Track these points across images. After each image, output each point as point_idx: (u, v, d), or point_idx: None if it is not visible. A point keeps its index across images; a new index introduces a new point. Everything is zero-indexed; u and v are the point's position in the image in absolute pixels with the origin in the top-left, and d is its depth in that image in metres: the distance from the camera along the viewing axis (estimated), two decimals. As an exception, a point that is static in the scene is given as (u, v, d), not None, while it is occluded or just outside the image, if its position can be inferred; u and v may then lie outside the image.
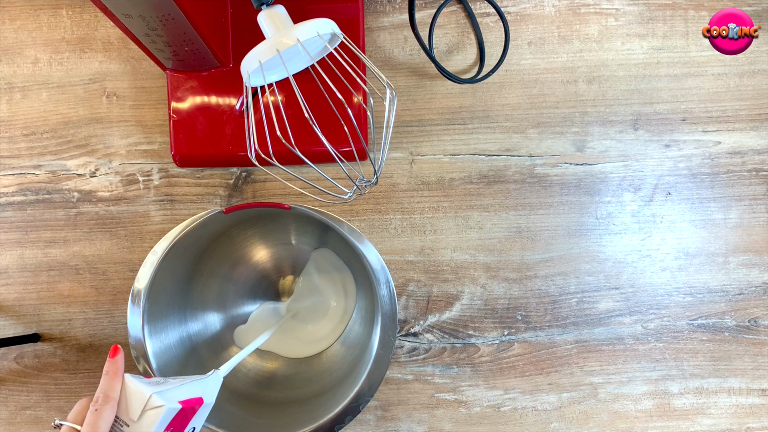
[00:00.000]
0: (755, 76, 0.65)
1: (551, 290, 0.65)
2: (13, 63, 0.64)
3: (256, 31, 0.49)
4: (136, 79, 0.64)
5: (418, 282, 0.64)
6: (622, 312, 0.65)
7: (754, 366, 0.66)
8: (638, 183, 0.65)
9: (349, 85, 0.55)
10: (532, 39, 0.65)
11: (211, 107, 0.61)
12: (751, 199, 0.65)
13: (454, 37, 0.65)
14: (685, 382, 0.65)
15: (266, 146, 0.50)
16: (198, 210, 0.64)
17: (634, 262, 0.65)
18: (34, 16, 0.64)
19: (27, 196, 0.64)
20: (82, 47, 0.64)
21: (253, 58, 0.47)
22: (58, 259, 0.64)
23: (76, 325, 0.64)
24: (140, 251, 0.64)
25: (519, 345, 0.65)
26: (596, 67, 0.65)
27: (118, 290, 0.64)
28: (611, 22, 0.65)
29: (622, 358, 0.65)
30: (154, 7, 0.46)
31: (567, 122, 0.65)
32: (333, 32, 0.49)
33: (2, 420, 0.64)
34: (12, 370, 0.64)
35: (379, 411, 0.64)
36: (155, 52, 0.56)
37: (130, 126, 0.64)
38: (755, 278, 0.65)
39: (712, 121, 0.65)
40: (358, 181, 0.50)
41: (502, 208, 0.65)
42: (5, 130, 0.64)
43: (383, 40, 0.65)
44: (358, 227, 0.64)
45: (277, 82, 0.55)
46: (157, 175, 0.64)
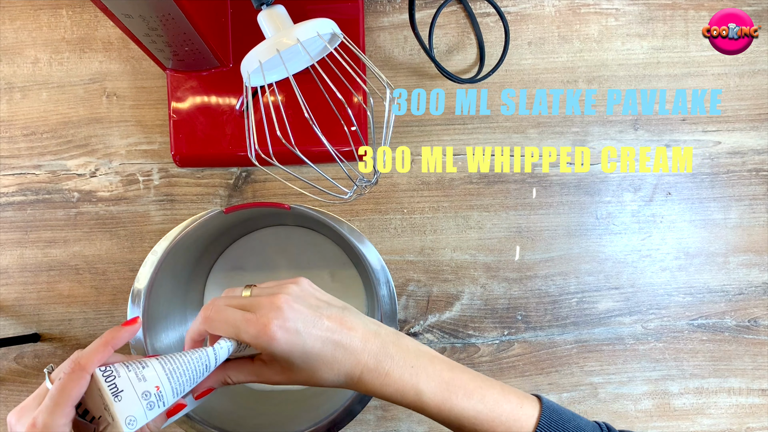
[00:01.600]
0: (755, 76, 0.65)
1: (551, 290, 0.65)
2: (13, 63, 0.64)
3: (256, 31, 0.49)
4: (136, 79, 0.64)
5: (418, 282, 0.64)
6: (622, 312, 0.65)
7: (754, 366, 0.66)
8: (638, 183, 0.65)
9: (349, 85, 0.55)
10: (532, 39, 0.65)
11: (211, 107, 0.61)
12: (751, 199, 0.65)
13: (454, 37, 0.65)
14: (685, 382, 0.65)
15: (266, 146, 0.50)
16: (198, 210, 0.64)
17: (634, 262, 0.65)
18: (34, 16, 0.64)
19: (27, 196, 0.64)
20: (82, 47, 0.64)
21: (253, 58, 0.47)
22: (58, 259, 0.64)
23: (76, 325, 0.64)
24: (140, 251, 0.64)
25: (519, 345, 0.65)
26: (596, 67, 0.65)
27: (118, 290, 0.64)
28: (611, 22, 0.65)
29: (622, 358, 0.65)
30: (154, 7, 0.46)
31: (567, 122, 0.65)
32: (333, 32, 0.49)
33: (2, 420, 0.64)
34: (12, 370, 0.64)
35: (379, 411, 0.64)
36: (155, 52, 0.56)
37: (130, 126, 0.64)
38: (755, 278, 0.65)
39: (712, 121, 0.65)
40: (358, 181, 0.50)
41: (502, 208, 0.65)
42: (5, 130, 0.64)
43: (383, 40, 0.65)
44: (358, 227, 0.64)
45: (277, 82, 0.55)
46: (157, 175, 0.64)
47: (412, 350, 0.41)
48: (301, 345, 0.38)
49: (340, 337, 0.39)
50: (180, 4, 0.46)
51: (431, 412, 0.40)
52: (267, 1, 0.48)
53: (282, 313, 0.38)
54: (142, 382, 0.34)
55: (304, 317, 0.39)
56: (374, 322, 0.42)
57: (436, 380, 0.40)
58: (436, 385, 0.40)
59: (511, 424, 0.40)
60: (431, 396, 0.40)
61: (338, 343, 0.39)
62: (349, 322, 0.40)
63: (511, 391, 0.41)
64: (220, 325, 0.38)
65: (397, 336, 0.42)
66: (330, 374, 0.40)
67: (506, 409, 0.40)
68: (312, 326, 0.39)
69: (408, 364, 0.40)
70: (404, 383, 0.40)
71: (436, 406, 0.40)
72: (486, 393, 0.40)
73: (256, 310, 0.39)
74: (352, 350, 0.39)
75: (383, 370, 0.40)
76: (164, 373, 0.35)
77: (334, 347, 0.39)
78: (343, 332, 0.39)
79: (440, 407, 0.40)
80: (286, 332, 0.38)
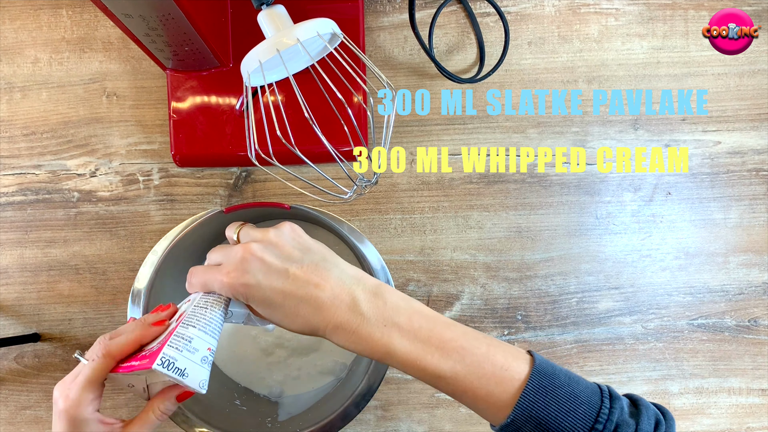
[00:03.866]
0: (755, 76, 0.65)
1: (551, 290, 0.65)
2: (13, 63, 0.64)
3: (256, 31, 0.49)
4: (136, 79, 0.64)
5: (418, 282, 0.64)
6: (622, 312, 0.65)
7: (754, 366, 0.66)
8: (638, 183, 0.65)
9: (349, 85, 0.55)
10: (532, 39, 0.65)
11: (211, 107, 0.61)
12: (751, 199, 0.65)
13: (454, 37, 0.65)
14: (685, 381, 0.65)
15: (266, 146, 0.50)
16: (198, 210, 0.64)
17: (634, 262, 0.65)
18: (34, 16, 0.64)
19: (27, 196, 0.64)
20: (82, 47, 0.64)
21: (253, 58, 0.47)
22: (58, 259, 0.64)
23: (76, 324, 0.64)
24: (140, 251, 0.64)
25: (519, 345, 0.65)
26: (596, 67, 0.65)
27: (118, 290, 0.64)
28: (611, 22, 0.65)
29: (622, 358, 0.65)
30: (154, 7, 0.46)
31: (567, 122, 0.65)
32: (333, 32, 0.49)
33: (2, 420, 0.64)
34: (12, 370, 0.64)
35: (379, 411, 0.64)
36: (155, 52, 0.56)
37: (130, 126, 0.64)
38: (755, 278, 0.65)
39: (712, 121, 0.65)
40: (358, 181, 0.50)
41: (502, 208, 0.65)
42: (5, 130, 0.64)
43: (383, 40, 0.65)
44: (358, 227, 0.64)
45: (277, 82, 0.55)
46: (157, 174, 0.64)
47: (390, 306, 0.39)
48: (261, 296, 0.39)
49: (304, 292, 0.39)
50: (180, 4, 0.46)
51: (404, 370, 0.38)
52: (267, 1, 0.48)
53: (245, 265, 0.39)
54: (195, 353, 0.38)
55: (266, 269, 0.39)
56: (354, 275, 0.41)
57: (411, 339, 0.38)
58: (410, 344, 0.38)
59: (492, 388, 0.36)
60: (403, 355, 0.38)
61: (301, 299, 0.39)
62: (320, 275, 0.39)
63: (500, 349, 0.38)
64: (195, 284, 0.42)
65: (377, 290, 0.40)
66: (294, 325, 0.40)
67: (488, 370, 0.37)
68: (274, 279, 0.39)
69: (381, 321, 0.38)
70: (374, 341, 0.38)
71: (410, 364, 0.38)
72: (467, 352, 0.37)
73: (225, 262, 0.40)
74: (317, 306, 0.39)
75: (350, 328, 0.38)
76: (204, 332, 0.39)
77: (297, 302, 0.39)
78: (309, 287, 0.39)
79: (413, 366, 0.38)
80: (244, 286, 0.39)
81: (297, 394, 0.63)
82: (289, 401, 0.62)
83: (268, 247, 0.40)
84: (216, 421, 0.55)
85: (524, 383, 0.36)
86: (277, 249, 0.40)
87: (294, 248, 0.41)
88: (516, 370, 0.37)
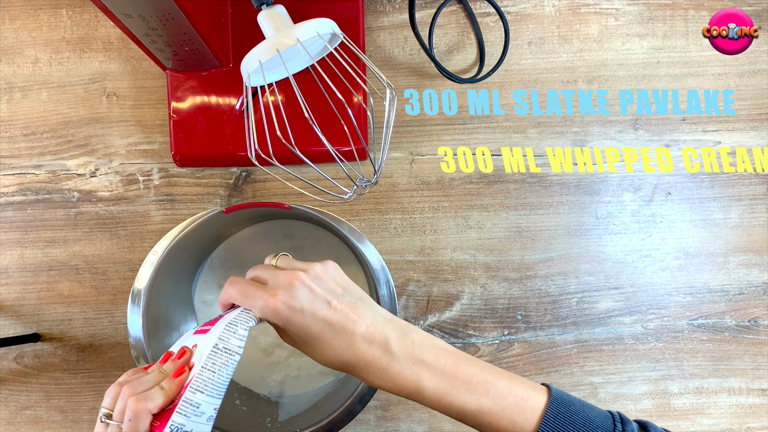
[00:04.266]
0: (755, 76, 0.65)
1: (551, 290, 0.65)
2: (13, 63, 0.64)
3: (256, 31, 0.49)
4: (136, 79, 0.64)
5: (418, 282, 0.64)
6: (622, 312, 0.65)
7: (754, 366, 0.66)
8: (638, 183, 0.65)
9: (349, 85, 0.55)
10: (532, 39, 0.65)
11: (211, 107, 0.61)
12: (751, 199, 0.65)
13: (454, 37, 0.65)
14: (685, 382, 0.65)
15: (266, 146, 0.50)
16: (198, 210, 0.64)
17: (634, 262, 0.65)
18: (34, 16, 0.64)
19: (27, 196, 0.64)
20: (82, 47, 0.64)
21: (253, 58, 0.47)
22: (58, 259, 0.64)
23: (76, 325, 0.64)
24: (140, 251, 0.64)
25: (519, 345, 0.65)
26: (596, 67, 0.65)
27: (118, 290, 0.64)
28: (611, 22, 0.65)
29: (622, 358, 0.65)
30: (154, 7, 0.46)
31: (567, 122, 0.65)
32: (333, 32, 0.49)
33: (2, 420, 0.64)
34: (12, 370, 0.64)
35: (379, 411, 0.64)
36: (155, 52, 0.56)
37: (130, 126, 0.64)
38: (755, 278, 0.65)
39: (712, 121, 0.65)
40: (358, 181, 0.50)
41: (502, 208, 0.65)
42: (5, 130, 0.64)
43: (383, 40, 0.65)
44: (358, 227, 0.64)
45: (277, 82, 0.55)
46: (157, 174, 0.64)
47: (417, 345, 0.41)
48: (302, 323, 0.40)
49: (342, 325, 0.40)
50: (180, 4, 0.46)
51: (431, 406, 0.41)
52: (267, 1, 0.48)
53: (292, 290, 0.40)
54: (202, 416, 0.39)
55: (312, 298, 0.40)
56: (386, 316, 0.43)
57: (439, 375, 0.40)
58: (438, 381, 0.40)
59: (515, 417, 0.39)
60: (432, 392, 0.40)
61: (339, 331, 0.40)
62: (357, 313, 0.41)
63: (519, 382, 0.41)
64: (233, 294, 0.42)
65: (405, 331, 0.42)
66: (326, 357, 0.41)
67: (511, 401, 0.40)
68: (318, 308, 0.40)
69: (410, 360, 0.40)
70: (404, 379, 0.40)
71: (437, 400, 0.40)
72: (491, 386, 0.40)
73: (270, 283, 0.41)
74: (352, 341, 0.40)
75: (381, 365, 0.40)
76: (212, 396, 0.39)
77: (335, 333, 0.40)
78: (347, 322, 0.40)
79: (440, 401, 0.40)
80: (289, 309, 0.39)
81: (297, 394, 0.63)
82: (289, 401, 0.62)
83: (315, 278, 0.41)
84: (216, 421, 0.55)
85: (544, 411, 0.39)
86: (323, 282, 0.42)
87: (337, 284, 0.43)
88: (536, 400, 0.40)
